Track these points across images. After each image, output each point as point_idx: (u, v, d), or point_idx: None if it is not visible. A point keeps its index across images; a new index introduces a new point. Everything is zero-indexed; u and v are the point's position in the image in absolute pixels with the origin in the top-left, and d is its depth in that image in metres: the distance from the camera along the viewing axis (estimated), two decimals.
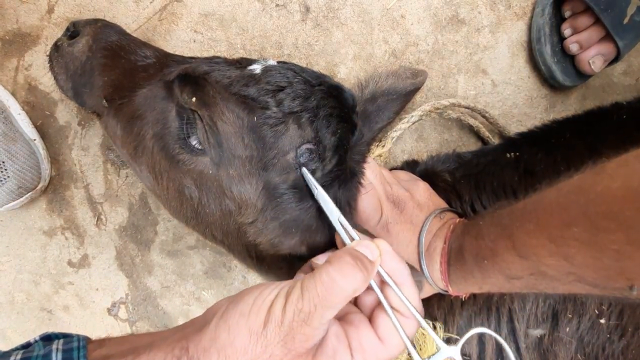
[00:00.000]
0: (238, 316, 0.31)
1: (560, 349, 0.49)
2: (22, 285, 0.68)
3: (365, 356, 0.33)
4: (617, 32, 0.65)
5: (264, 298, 0.32)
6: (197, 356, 0.30)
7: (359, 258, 0.33)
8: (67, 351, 0.30)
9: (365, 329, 0.34)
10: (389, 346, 0.34)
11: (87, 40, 0.50)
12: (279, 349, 0.30)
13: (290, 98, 0.41)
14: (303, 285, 0.31)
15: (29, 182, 0.62)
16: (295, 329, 0.30)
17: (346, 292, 0.31)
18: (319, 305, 0.30)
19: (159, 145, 0.46)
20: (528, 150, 0.57)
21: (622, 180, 0.27)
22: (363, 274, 0.32)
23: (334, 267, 0.32)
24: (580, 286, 0.32)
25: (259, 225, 0.42)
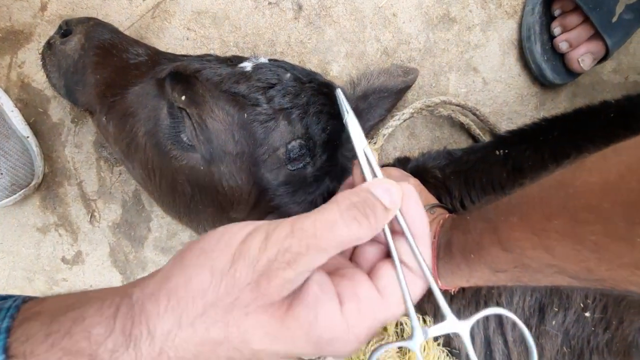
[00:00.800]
0: (199, 253, 0.25)
1: (546, 342, 0.50)
2: (16, 282, 0.69)
3: (360, 306, 0.26)
4: (606, 31, 0.66)
5: (233, 234, 0.26)
6: (141, 301, 0.24)
7: (373, 205, 0.26)
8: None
9: (362, 281, 0.27)
10: (388, 302, 0.27)
11: (79, 38, 0.50)
12: (247, 293, 0.24)
13: (281, 95, 0.42)
14: (295, 222, 0.25)
15: (22, 179, 0.62)
16: (274, 271, 0.24)
17: (347, 238, 0.25)
18: (311, 247, 0.24)
19: (152, 142, 0.47)
20: (517, 147, 0.57)
21: (600, 174, 0.28)
22: (371, 222, 0.26)
23: (340, 208, 0.25)
24: (561, 278, 0.33)
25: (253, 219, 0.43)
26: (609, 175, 0.27)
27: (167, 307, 0.24)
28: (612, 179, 0.26)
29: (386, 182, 0.28)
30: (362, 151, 0.32)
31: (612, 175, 0.27)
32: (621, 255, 0.26)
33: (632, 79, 0.77)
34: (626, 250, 0.25)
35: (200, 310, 0.24)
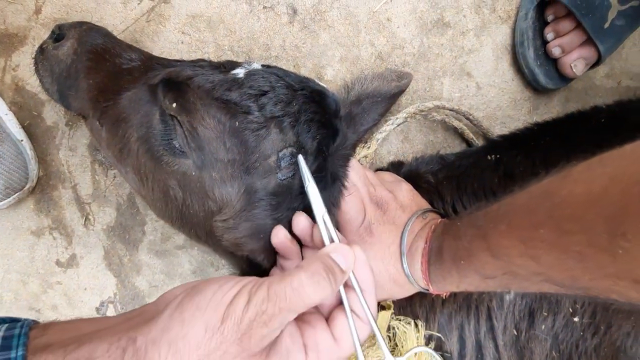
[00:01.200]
0: (194, 309, 0.30)
1: (536, 346, 0.50)
2: (10, 285, 0.69)
3: (319, 356, 0.33)
4: (598, 37, 0.67)
5: (224, 293, 0.31)
6: (145, 347, 0.29)
7: (332, 270, 0.33)
8: (7, 338, 0.29)
9: (321, 329, 0.35)
10: (342, 346, 0.35)
11: (72, 43, 0.50)
12: (234, 347, 0.29)
13: (272, 103, 0.42)
14: (270, 287, 0.31)
15: (17, 183, 0.62)
16: (254, 329, 0.30)
17: (312, 300, 0.32)
18: (283, 309, 0.30)
19: (144, 148, 0.47)
20: (508, 152, 0.58)
21: (584, 184, 0.28)
22: (332, 286, 0.33)
23: (307, 275, 0.32)
24: (548, 286, 0.33)
25: (231, 222, 0.43)
26: (593, 186, 0.27)
27: (167, 355, 0.29)
28: (596, 190, 0.27)
29: (341, 247, 0.36)
30: (322, 218, 0.39)
31: (596, 187, 0.27)
32: (604, 266, 0.26)
33: (624, 84, 0.78)
34: (608, 261, 0.26)
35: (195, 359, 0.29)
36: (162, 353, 0.29)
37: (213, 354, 0.29)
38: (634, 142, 0.27)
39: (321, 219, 0.39)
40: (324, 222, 0.39)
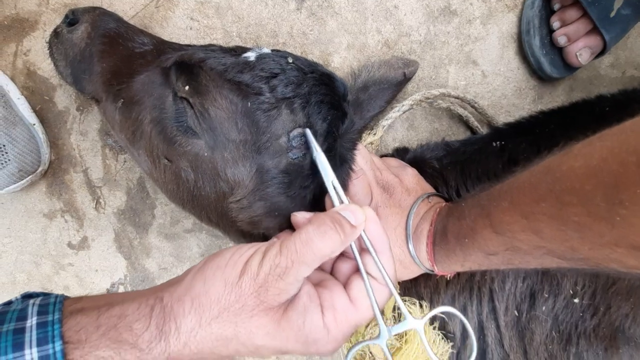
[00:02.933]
0: (215, 268, 0.33)
1: (536, 327, 0.52)
2: (24, 266, 0.70)
3: (335, 315, 0.34)
4: (604, 25, 0.67)
5: (241, 254, 0.33)
6: (170, 304, 0.32)
7: (339, 221, 0.34)
8: (43, 305, 0.31)
9: (338, 291, 0.35)
10: (359, 308, 0.35)
11: (86, 27, 0.51)
12: (251, 300, 0.31)
13: (283, 84, 0.43)
14: (282, 243, 0.33)
15: (29, 166, 0.63)
16: (270, 282, 0.31)
17: (323, 251, 0.33)
18: (295, 262, 0.32)
19: (157, 130, 0.48)
20: (513, 139, 0.59)
21: (584, 159, 0.29)
22: (340, 236, 0.34)
23: (314, 227, 0.33)
24: (550, 259, 0.34)
25: (245, 202, 0.44)
26: (592, 160, 0.28)
27: (191, 309, 0.31)
28: (595, 163, 0.28)
29: (351, 206, 0.37)
30: (331, 183, 0.40)
31: (594, 160, 0.28)
32: (602, 234, 0.28)
33: (629, 73, 0.78)
34: (606, 229, 0.27)
35: (216, 313, 0.31)
36: (186, 308, 0.31)
37: (232, 307, 0.31)
38: (633, 119, 0.28)
39: (330, 184, 0.39)
40: (333, 188, 0.40)
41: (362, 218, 0.36)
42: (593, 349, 0.50)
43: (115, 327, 0.30)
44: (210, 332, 0.31)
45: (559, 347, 0.51)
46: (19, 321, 0.30)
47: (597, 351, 0.50)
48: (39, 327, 0.29)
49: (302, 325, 0.33)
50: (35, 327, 0.29)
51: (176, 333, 0.31)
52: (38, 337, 0.28)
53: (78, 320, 0.30)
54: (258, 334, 0.32)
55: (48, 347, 0.28)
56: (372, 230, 0.37)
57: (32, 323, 0.29)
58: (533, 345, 0.52)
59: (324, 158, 0.41)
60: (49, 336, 0.29)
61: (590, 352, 0.50)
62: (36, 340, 0.28)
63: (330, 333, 0.34)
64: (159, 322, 0.31)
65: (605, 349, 0.49)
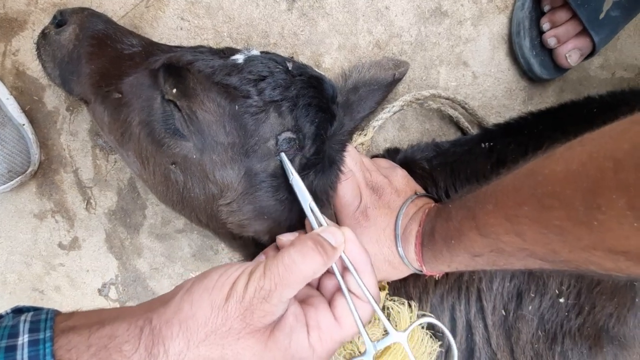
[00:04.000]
0: (202, 291, 0.33)
1: (523, 326, 0.52)
2: (14, 266, 0.70)
3: (320, 334, 0.35)
4: (593, 27, 0.67)
5: (228, 276, 0.34)
6: (159, 327, 0.32)
7: (320, 243, 0.35)
8: (34, 322, 0.31)
9: (323, 309, 0.37)
10: (344, 326, 0.36)
11: (74, 28, 0.51)
12: (237, 323, 0.32)
13: (271, 87, 0.43)
14: (266, 265, 0.34)
15: (19, 166, 0.63)
16: (255, 305, 0.32)
17: (305, 273, 0.34)
18: (279, 284, 0.33)
19: (145, 132, 0.48)
20: (502, 140, 0.59)
21: (564, 163, 0.30)
22: (322, 258, 0.35)
23: (296, 249, 0.34)
24: (532, 261, 0.35)
25: (234, 206, 0.45)
26: (572, 164, 0.29)
27: (179, 332, 0.32)
28: (574, 167, 0.29)
29: (330, 228, 0.38)
30: (308, 206, 0.41)
31: (574, 164, 0.29)
32: (581, 238, 0.28)
33: (618, 75, 0.79)
34: (585, 233, 0.28)
35: (203, 336, 0.32)
36: (174, 331, 0.32)
37: (219, 330, 0.32)
38: (611, 124, 0.28)
39: (308, 207, 0.41)
40: (310, 210, 0.41)
41: (341, 239, 0.37)
42: (578, 348, 0.51)
43: (106, 348, 0.30)
44: (198, 355, 0.32)
45: (545, 346, 0.52)
46: (10, 338, 0.30)
47: (582, 350, 0.51)
48: (30, 345, 0.29)
49: (288, 345, 0.34)
50: (27, 345, 0.29)
51: (164, 356, 0.31)
52: (29, 356, 0.29)
53: (69, 338, 0.30)
54: (245, 355, 0.33)
55: None
56: (351, 250, 0.38)
57: (24, 341, 0.29)
58: (520, 344, 0.53)
59: (299, 181, 0.41)
60: (40, 354, 0.29)
61: (575, 350, 0.51)
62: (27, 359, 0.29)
63: (316, 352, 0.35)
64: (147, 344, 0.31)
65: (590, 347, 0.50)
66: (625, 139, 0.26)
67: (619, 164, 0.25)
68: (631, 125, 0.27)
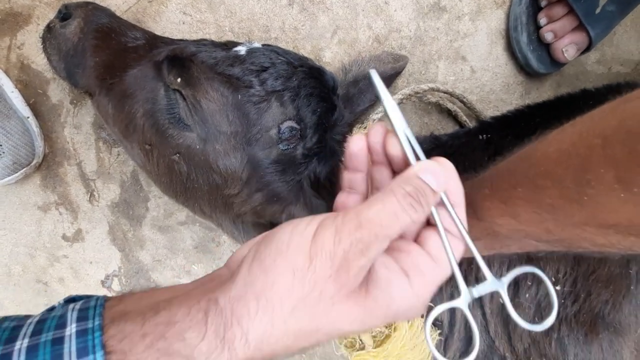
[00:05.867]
0: (275, 255, 0.27)
1: (520, 313, 0.53)
2: (19, 258, 0.71)
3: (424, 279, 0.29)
4: (589, 22, 0.68)
5: (302, 231, 0.28)
6: (230, 306, 0.27)
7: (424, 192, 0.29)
8: (83, 310, 0.28)
9: (418, 252, 0.30)
10: (442, 266, 0.30)
11: (78, 22, 0.51)
12: (330, 285, 0.27)
13: (273, 78, 0.44)
14: (361, 214, 0.28)
15: (24, 158, 0.64)
16: (351, 261, 0.26)
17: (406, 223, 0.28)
18: (380, 234, 0.27)
19: (150, 123, 0.49)
20: (499, 133, 0.60)
21: (557, 144, 0.31)
22: (424, 207, 0.29)
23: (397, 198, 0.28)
24: (528, 242, 0.36)
25: (244, 195, 0.45)
26: (563, 144, 0.30)
27: (257, 309, 0.26)
28: (565, 147, 0.29)
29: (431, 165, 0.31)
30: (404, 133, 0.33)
31: (565, 144, 0.30)
32: (573, 215, 0.29)
33: (614, 69, 0.80)
34: (576, 209, 0.29)
35: (289, 308, 0.27)
36: (251, 309, 0.27)
37: (308, 297, 0.27)
38: (601, 106, 0.29)
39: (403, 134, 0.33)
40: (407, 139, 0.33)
41: (443, 180, 0.30)
42: (574, 334, 0.52)
43: (164, 337, 0.26)
44: (286, 331, 0.27)
45: (542, 333, 0.53)
46: (58, 329, 0.26)
47: (578, 336, 0.51)
48: (78, 335, 0.26)
49: (390, 301, 0.28)
50: (75, 336, 0.26)
51: (243, 339, 0.26)
52: (78, 348, 0.25)
53: (121, 327, 0.26)
54: (344, 322, 0.28)
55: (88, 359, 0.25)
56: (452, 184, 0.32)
57: (72, 331, 0.26)
58: (517, 332, 0.54)
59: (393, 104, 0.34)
60: (89, 346, 0.25)
61: (571, 337, 0.52)
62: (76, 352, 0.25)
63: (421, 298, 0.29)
64: (218, 329, 0.26)
65: (586, 334, 0.51)
66: (613, 117, 0.27)
67: (606, 140, 0.26)
68: (619, 104, 0.28)
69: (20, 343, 0.25)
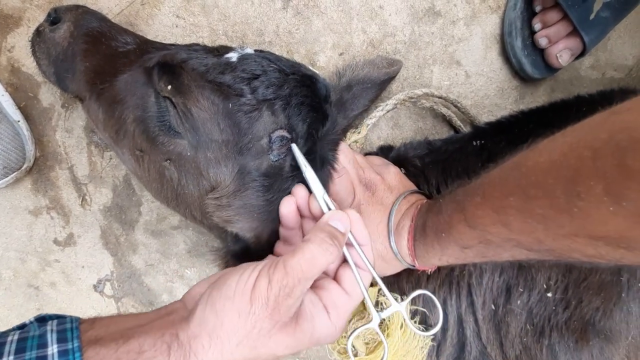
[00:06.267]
0: (224, 300, 0.34)
1: (512, 320, 0.54)
2: (9, 263, 0.71)
3: (338, 311, 0.38)
4: (584, 28, 0.69)
5: (246, 280, 0.35)
6: (187, 341, 0.33)
7: (335, 235, 0.38)
8: (61, 332, 0.32)
9: (335, 290, 0.40)
10: (354, 297, 0.40)
11: (68, 26, 0.51)
12: (267, 323, 0.34)
13: (264, 86, 0.44)
14: (286, 264, 0.35)
15: (14, 163, 0.63)
16: (281, 303, 0.34)
17: (324, 265, 0.36)
18: (301, 279, 0.35)
19: (140, 129, 0.48)
20: (493, 139, 0.60)
21: (547, 154, 0.31)
22: (338, 249, 0.38)
23: (315, 245, 0.36)
24: (519, 251, 0.36)
25: (224, 201, 0.45)
26: (554, 155, 0.30)
27: (210, 344, 0.33)
28: (556, 158, 0.30)
29: (337, 213, 0.42)
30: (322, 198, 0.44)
31: (556, 155, 0.30)
32: (563, 226, 0.29)
33: (608, 75, 0.80)
34: (567, 220, 0.29)
35: (235, 343, 0.34)
36: (204, 344, 0.33)
37: (251, 333, 0.34)
38: (592, 116, 0.29)
39: (321, 198, 0.44)
40: (324, 201, 0.44)
41: (348, 223, 0.41)
42: (565, 341, 0.52)
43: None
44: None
45: (533, 339, 0.53)
46: (40, 349, 0.30)
47: (569, 343, 0.52)
48: (60, 355, 0.30)
49: (313, 330, 0.37)
50: (57, 355, 0.30)
51: None
52: None
53: (97, 350, 0.31)
54: (278, 349, 0.35)
55: None
56: (356, 228, 0.42)
57: (54, 351, 0.30)
58: (509, 338, 0.54)
59: (312, 173, 0.44)
60: None
61: (562, 344, 0.52)
62: None
63: (337, 327, 0.39)
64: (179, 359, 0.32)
65: (576, 341, 0.51)
66: (603, 129, 0.27)
67: (596, 152, 0.26)
68: (609, 115, 0.28)
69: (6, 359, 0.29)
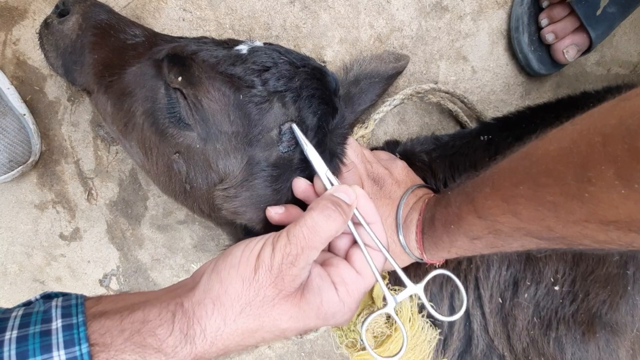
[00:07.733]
0: (229, 267, 0.34)
1: (519, 313, 0.54)
2: (15, 257, 0.70)
3: (347, 288, 0.37)
4: (590, 23, 0.69)
5: (251, 249, 0.35)
6: (192, 309, 0.33)
7: (338, 203, 0.37)
8: (66, 307, 0.32)
9: (344, 266, 0.39)
10: (365, 277, 0.39)
11: (77, 18, 0.50)
12: (270, 291, 0.34)
13: (275, 78, 0.44)
14: (289, 232, 0.35)
15: (20, 156, 0.63)
16: (284, 271, 0.34)
17: (329, 233, 0.35)
18: (305, 247, 0.34)
19: (149, 122, 0.48)
20: (500, 134, 0.60)
21: (557, 142, 0.31)
22: (342, 216, 0.36)
23: (317, 212, 0.36)
24: (529, 240, 0.36)
25: (232, 192, 0.45)
26: (564, 142, 0.30)
27: (213, 310, 0.33)
28: (566, 145, 0.30)
29: (342, 186, 0.40)
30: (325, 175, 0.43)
31: (566, 142, 0.30)
32: (574, 212, 0.30)
33: (614, 71, 0.80)
34: (577, 206, 0.29)
35: (239, 309, 0.33)
36: (208, 310, 0.33)
37: (254, 301, 0.34)
38: (601, 105, 0.30)
39: (324, 176, 0.43)
40: (327, 179, 0.42)
41: (353, 196, 0.39)
42: (572, 334, 0.52)
43: (139, 332, 0.31)
44: (236, 328, 0.33)
45: (540, 332, 0.53)
46: (44, 323, 0.30)
47: (575, 335, 0.52)
48: (64, 329, 0.30)
49: (320, 304, 0.36)
50: (61, 330, 0.30)
51: (202, 335, 0.33)
52: (65, 340, 0.29)
53: (102, 323, 0.31)
54: (282, 319, 0.35)
55: (75, 350, 0.29)
56: (362, 205, 0.40)
57: (58, 325, 0.30)
58: (516, 331, 0.54)
59: (314, 151, 0.43)
60: (75, 338, 0.30)
61: (569, 336, 0.52)
62: (63, 343, 0.29)
63: (346, 304, 0.37)
64: (182, 327, 0.32)
65: (583, 333, 0.52)
66: (612, 115, 0.27)
67: (607, 137, 0.26)
68: (618, 102, 0.28)
69: (10, 334, 0.29)
